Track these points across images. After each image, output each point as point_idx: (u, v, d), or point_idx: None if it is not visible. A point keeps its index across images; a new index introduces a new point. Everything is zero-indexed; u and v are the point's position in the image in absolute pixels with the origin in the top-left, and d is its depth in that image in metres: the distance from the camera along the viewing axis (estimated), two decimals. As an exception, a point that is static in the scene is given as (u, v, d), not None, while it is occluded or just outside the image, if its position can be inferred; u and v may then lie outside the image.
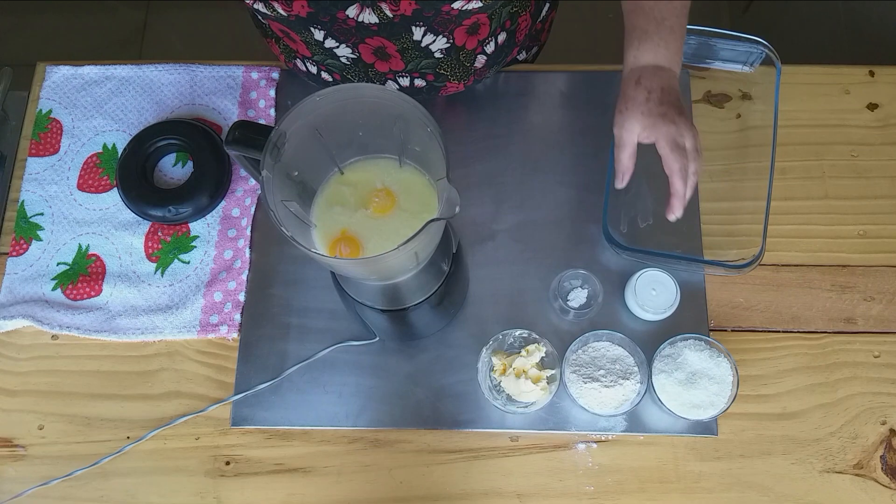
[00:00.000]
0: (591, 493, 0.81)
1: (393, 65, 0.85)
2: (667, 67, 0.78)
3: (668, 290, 0.83)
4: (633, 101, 0.77)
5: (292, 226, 0.63)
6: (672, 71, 0.78)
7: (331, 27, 0.79)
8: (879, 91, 0.96)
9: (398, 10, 0.75)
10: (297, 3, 0.74)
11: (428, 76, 0.88)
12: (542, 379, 0.80)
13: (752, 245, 0.85)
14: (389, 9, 0.74)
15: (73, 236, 0.92)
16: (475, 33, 0.84)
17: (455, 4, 0.75)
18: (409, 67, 0.86)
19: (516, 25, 0.89)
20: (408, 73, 0.87)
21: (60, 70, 0.99)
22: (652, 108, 0.76)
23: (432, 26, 0.80)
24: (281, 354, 0.86)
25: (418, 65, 0.86)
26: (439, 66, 0.87)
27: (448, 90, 0.92)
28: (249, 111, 0.97)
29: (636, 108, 0.77)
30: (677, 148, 0.76)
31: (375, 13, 0.75)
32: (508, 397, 0.81)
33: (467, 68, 0.89)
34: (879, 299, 0.87)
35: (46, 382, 0.86)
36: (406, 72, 0.87)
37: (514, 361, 0.80)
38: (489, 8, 0.79)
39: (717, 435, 0.82)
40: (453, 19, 0.79)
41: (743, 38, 0.92)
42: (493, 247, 0.90)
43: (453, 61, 0.87)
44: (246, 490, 0.82)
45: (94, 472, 0.83)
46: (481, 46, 0.87)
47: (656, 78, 0.77)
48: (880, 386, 0.84)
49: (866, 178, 0.92)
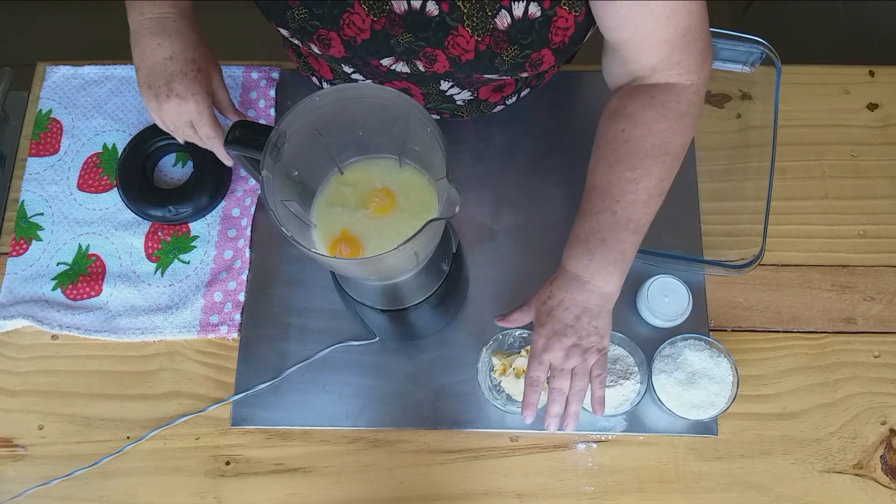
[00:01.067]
0: (591, 493, 0.81)
1: None
2: (586, 280, 0.71)
3: (680, 298, 0.83)
4: (540, 293, 0.74)
5: (292, 226, 0.63)
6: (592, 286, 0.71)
7: (362, 68, 0.80)
8: (879, 91, 0.96)
9: (431, 69, 0.75)
10: (335, 49, 0.74)
11: (444, 113, 0.90)
12: None
13: (752, 245, 0.85)
14: (423, 66, 0.75)
15: (73, 236, 0.92)
16: (499, 91, 0.86)
17: (486, 76, 0.76)
18: (428, 106, 0.87)
19: (541, 81, 0.91)
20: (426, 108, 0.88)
21: (60, 70, 0.99)
22: (542, 311, 0.73)
23: (460, 83, 0.81)
24: (281, 354, 0.86)
25: (438, 105, 0.87)
26: (458, 111, 0.88)
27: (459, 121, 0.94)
28: (249, 111, 0.97)
29: (535, 302, 0.74)
30: (535, 358, 0.72)
31: (409, 66, 0.75)
32: (508, 397, 0.81)
33: (485, 113, 0.91)
34: (879, 299, 0.87)
35: (46, 382, 0.86)
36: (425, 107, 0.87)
37: (514, 361, 0.80)
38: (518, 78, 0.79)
39: (717, 435, 0.82)
40: (482, 80, 0.79)
41: (743, 38, 0.92)
42: (493, 247, 0.90)
43: (473, 108, 0.88)
44: (246, 490, 0.82)
45: (94, 472, 0.83)
46: (504, 101, 0.89)
47: (569, 288, 0.71)
48: (880, 386, 0.84)
49: (866, 178, 0.92)
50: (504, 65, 0.73)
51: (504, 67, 0.73)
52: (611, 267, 0.71)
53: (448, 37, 0.71)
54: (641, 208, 0.70)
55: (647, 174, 0.70)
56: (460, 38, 0.70)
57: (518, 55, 0.72)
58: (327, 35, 0.72)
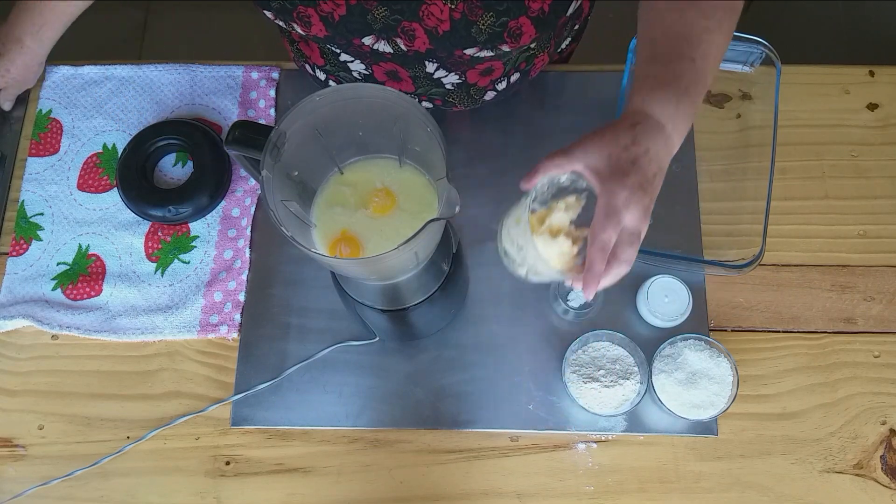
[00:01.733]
0: (591, 493, 0.81)
1: (404, 87, 0.86)
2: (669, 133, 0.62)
3: (680, 298, 0.83)
4: (614, 135, 0.60)
5: (292, 226, 0.63)
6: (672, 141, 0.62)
7: (347, 48, 0.80)
8: (879, 91, 0.96)
9: (412, 47, 0.75)
10: (315, 27, 0.75)
11: (436, 100, 0.89)
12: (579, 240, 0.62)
13: (752, 245, 0.85)
14: (404, 44, 0.75)
15: (73, 236, 0.92)
16: (488, 74, 0.85)
17: (467, 51, 0.75)
18: (419, 92, 0.87)
19: (531, 66, 0.90)
20: (417, 96, 0.88)
21: (60, 70, 0.99)
22: (623, 158, 0.59)
23: (445, 64, 0.80)
24: (281, 354, 0.86)
25: (428, 91, 0.87)
26: (448, 96, 0.88)
27: (454, 112, 0.93)
28: (249, 111, 0.97)
29: (609, 145, 0.60)
30: (615, 215, 0.58)
31: (390, 45, 0.75)
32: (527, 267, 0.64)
33: (476, 100, 0.90)
34: (879, 299, 0.87)
35: (46, 382, 0.86)
36: (415, 95, 0.88)
37: (550, 216, 0.63)
38: (503, 56, 0.79)
39: (717, 435, 0.82)
40: (466, 62, 0.79)
41: (743, 38, 0.92)
42: (493, 247, 0.90)
43: (463, 94, 0.88)
44: (246, 490, 0.82)
45: (94, 472, 0.83)
46: (493, 84, 0.88)
47: (654, 137, 0.60)
48: (880, 386, 0.84)
49: (866, 178, 0.92)
50: (482, 35, 0.72)
51: (482, 38, 0.72)
52: (687, 122, 0.62)
53: (422, 5, 0.70)
54: (712, 63, 0.62)
55: (718, 27, 0.63)
56: (434, 6, 0.70)
57: (495, 23, 0.71)
58: (306, 12, 0.73)
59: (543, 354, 0.85)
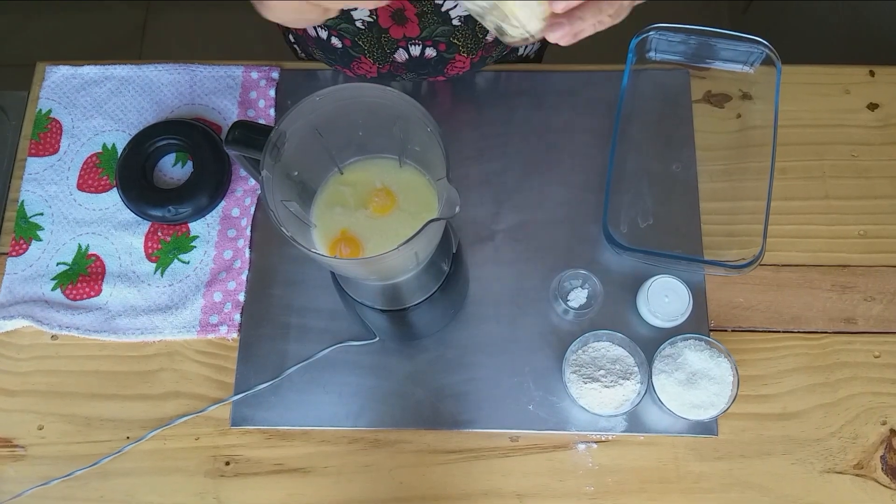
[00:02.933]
0: (591, 494, 0.81)
1: (408, 30, 0.85)
2: None
3: (680, 298, 0.83)
4: None
5: (292, 226, 0.63)
6: None
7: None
8: (879, 91, 0.96)
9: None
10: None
11: (440, 45, 0.88)
12: None
13: (752, 245, 0.85)
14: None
15: (72, 236, 0.92)
16: None
17: None
18: (423, 34, 0.85)
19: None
20: (421, 40, 0.86)
21: (60, 70, 0.99)
22: None
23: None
24: (281, 354, 0.86)
25: (433, 31, 0.85)
26: (453, 35, 0.86)
27: (455, 66, 0.92)
28: (249, 111, 0.97)
29: None
30: None
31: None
32: None
33: (479, 40, 0.89)
34: (880, 299, 0.87)
35: (46, 382, 0.86)
36: (419, 39, 0.86)
37: None
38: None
39: (717, 435, 0.82)
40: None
41: (743, 38, 0.92)
42: (493, 247, 0.90)
43: (468, 31, 0.86)
44: (246, 490, 0.82)
45: (94, 472, 0.83)
46: None
47: None
48: (880, 386, 0.84)
49: (866, 178, 0.92)
50: None
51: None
52: None
53: None
54: None
55: None
56: None
57: None
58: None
59: (543, 354, 0.85)
